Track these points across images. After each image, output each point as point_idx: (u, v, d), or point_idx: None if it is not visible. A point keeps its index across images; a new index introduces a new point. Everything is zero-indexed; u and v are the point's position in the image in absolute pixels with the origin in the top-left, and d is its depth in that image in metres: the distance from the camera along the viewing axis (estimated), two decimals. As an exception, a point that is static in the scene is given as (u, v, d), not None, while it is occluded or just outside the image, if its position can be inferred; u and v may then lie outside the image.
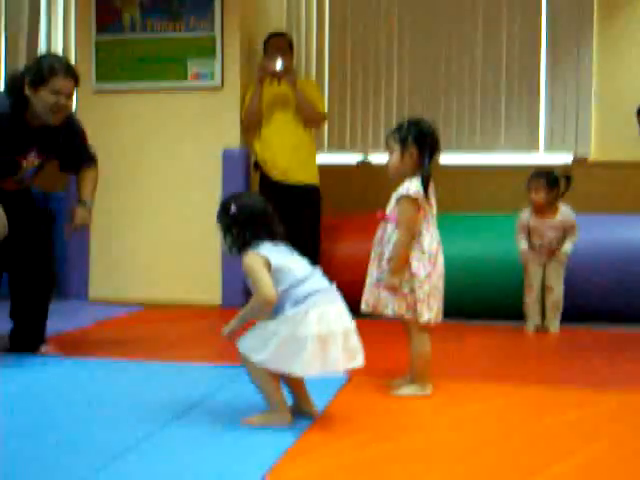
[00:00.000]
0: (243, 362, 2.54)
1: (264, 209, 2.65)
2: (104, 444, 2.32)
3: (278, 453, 2.25)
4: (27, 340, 3.68)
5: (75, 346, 3.88)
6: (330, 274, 2.66)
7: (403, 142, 2.98)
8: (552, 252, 4.51)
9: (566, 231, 4.46)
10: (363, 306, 3.04)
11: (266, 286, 2.46)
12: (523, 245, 4.52)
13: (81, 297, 5.63)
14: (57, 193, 5.56)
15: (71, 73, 3.36)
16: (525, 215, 4.54)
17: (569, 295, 4.56)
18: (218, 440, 2.38)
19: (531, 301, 4.54)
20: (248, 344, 2.51)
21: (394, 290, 2.92)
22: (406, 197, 2.94)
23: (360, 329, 4.10)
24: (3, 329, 3.69)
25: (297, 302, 2.47)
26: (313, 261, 3.68)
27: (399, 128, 3.03)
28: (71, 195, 5.58)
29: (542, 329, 4.53)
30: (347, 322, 2.55)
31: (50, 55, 3.49)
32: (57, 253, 5.57)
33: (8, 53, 6.54)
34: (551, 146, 6.13)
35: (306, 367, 2.44)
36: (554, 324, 4.51)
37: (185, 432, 2.46)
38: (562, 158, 6.06)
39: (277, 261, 2.52)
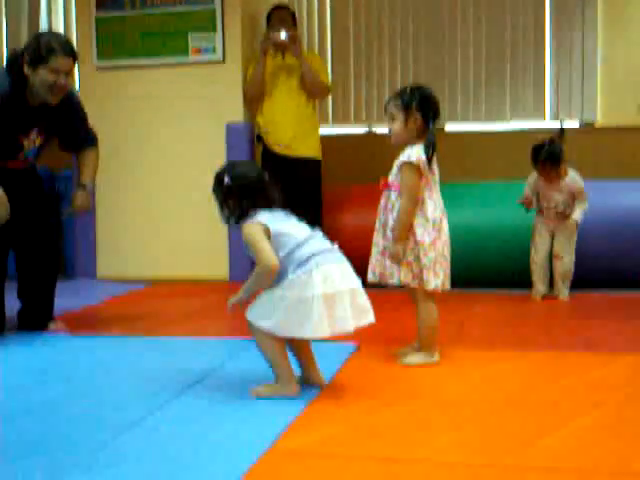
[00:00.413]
0: (252, 332, 2.54)
1: (259, 177, 2.61)
2: (114, 417, 2.34)
3: (287, 421, 2.26)
4: (35, 318, 3.69)
5: (83, 323, 3.89)
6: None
7: (406, 108, 2.94)
8: (562, 216, 4.47)
9: (574, 196, 4.43)
10: (370, 276, 3.03)
11: (267, 254, 2.45)
12: (527, 193, 4.50)
13: (89, 276, 5.64)
14: (63, 171, 5.55)
15: (70, 51, 3.33)
16: (532, 179, 4.51)
17: (578, 262, 4.53)
18: (227, 409, 2.39)
19: (536, 265, 4.51)
20: (256, 312, 2.51)
21: (398, 258, 2.91)
22: (407, 164, 2.91)
23: (371, 300, 4.08)
24: (11, 308, 3.69)
25: (300, 265, 2.45)
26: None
27: (401, 94, 2.98)
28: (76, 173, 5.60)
29: (551, 296, 4.51)
30: (353, 281, 2.52)
31: (48, 33, 3.45)
32: (64, 233, 5.63)
33: (9, 31, 6.50)
34: (557, 113, 6.07)
35: (315, 328, 2.41)
36: (563, 292, 4.49)
37: (194, 402, 2.47)
38: (568, 124, 6.00)
39: (276, 227, 2.50)
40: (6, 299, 3.61)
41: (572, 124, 6.02)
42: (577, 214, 4.42)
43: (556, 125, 5.96)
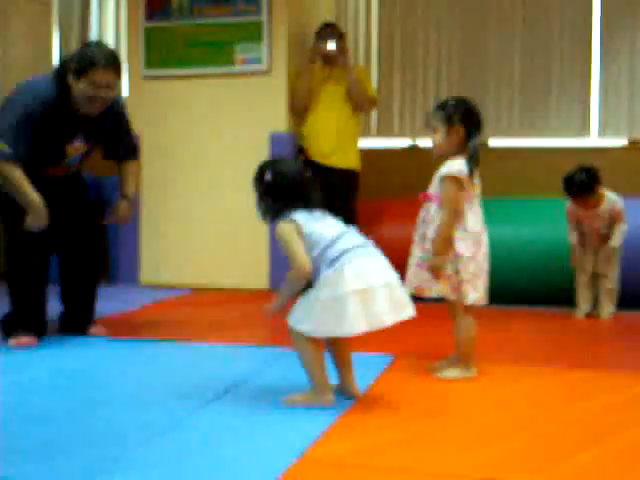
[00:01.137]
0: (292, 338, 2.53)
1: (300, 177, 2.60)
2: (147, 421, 2.36)
3: (320, 430, 2.26)
4: (76, 322, 3.74)
5: (123, 328, 3.94)
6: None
7: (449, 120, 2.94)
8: (603, 237, 4.41)
9: (615, 220, 4.35)
10: (406, 287, 3.01)
11: (299, 257, 2.45)
12: (572, 239, 4.43)
13: (132, 282, 5.71)
14: (109, 178, 5.63)
15: (112, 65, 3.32)
16: (572, 205, 4.42)
17: (624, 281, 4.46)
18: (260, 418, 2.39)
19: (581, 286, 4.46)
20: (295, 317, 2.50)
21: (437, 271, 2.89)
22: (449, 176, 2.90)
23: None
24: (53, 312, 3.74)
25: (331, 262, 2.44)
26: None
27: (443, 106, 2.98)
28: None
29: (594, 315, 4.44)
30: (389, 275, 2.49)
31: (95, 45, 3.46)
32: (108, 239, 5.72)
33: (61, 41, 6.64)
34: (604, 130, 5.99)
35: (352, 325, 2.39)
36: (606, 310, 4.42)
37: (227, 410, 2.48)
38: (615, 142, 5.93)
39: (309, 228, 2.49)
40: (48, 303, 3.65)
41: (619, 141, 5.94)
42: (616, 239, 4.34)
43: (602, 142, 5.90)
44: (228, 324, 4.16)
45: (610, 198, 4.35)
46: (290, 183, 2.57)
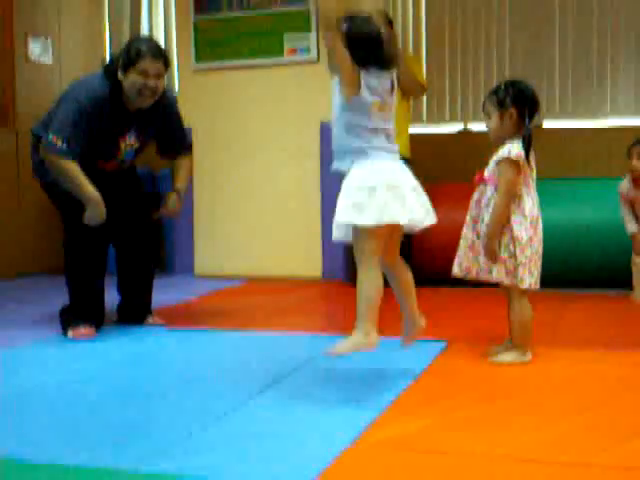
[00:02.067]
0: (357, 259, 2.55)
1: (376, 35, 2.58)
2: (204, 407, 2.40)
3: (374, 414, 2.27)
4: (134, 312, 3.82)
5: (179, 317, 4.00)
6: (424, 243, 2.64)
7: (501, 104, 2.92)
8: None
9: None
10: (456, 269, 3.00)
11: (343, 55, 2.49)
12: (631, 228, 4.33)
13: (187, 272, 5.78)
14: (162, 171, 5.71)
15: (159, 55, 3.42)
16: (624, 185, 4.34)
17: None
18: (315, 402, 2.42)
19: (638, 268, 4.38)
20: (354, 216, 2.51)
21: (494, 254, 2.87)
22: (507, 159, 2.88)
23: (455, 296, 4.10)
24: (112, 302, 3.82)
25: (360, 150, 2.54)
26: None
27: (496, 91, 2.97)
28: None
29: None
30: (413, 180, 2.64)
31: (140, 39, 3.59)
32: (164, 231, 5.81)
33: (112, 36, 6.74)
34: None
35: (397, 213, 2.49)
36: None
37: (282, 395, 2.52)
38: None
39: (365, 93, 2.52)
40: (106, 293, 3.73)
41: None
42: None
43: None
44: (282, 312, 4.19)
45: None
46: (364, 38, 2.55)
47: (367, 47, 2.53)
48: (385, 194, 2.48)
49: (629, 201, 4.35)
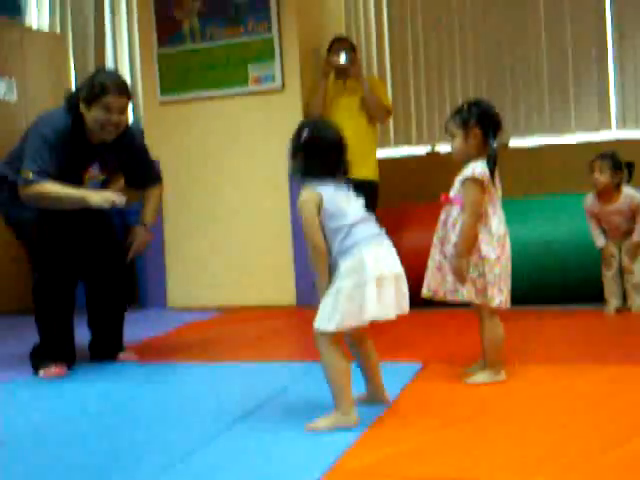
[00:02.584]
0: (319, 349, 2.46)
1: (336, 144, 2.55)
2: (178, 441, 2.37)
3: (350, 440, 2.25)
4: (105, 348, 3.77)
5: (152, 352, 3.95)
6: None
7: (465, 124, 2.94)
8: (625, 233, 4.38)
9: (635, 213, 4.32)
10: (424, 291, 3.00)
11: (317, 237, 2.45)
12: (599, 242, 4.40)
13: (160, 305, 5.74)
14: (133, 206, 5.67)
15: (122, 90, 3.40)
16: (589, 201, 4.42)
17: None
18: (289, 431, 2.39)
19: (608, 281, 4.41)
20: (321, 317, 2.44)
21: (462, 274, 2.87)
22: (471, 179, 2.89)
23: (428, 318, 4.08)
24: (82, 339, 3.77)
25: (349, 249, 2.43)
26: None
27: (459, 111, 2.99)
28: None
29: (624, 310, 4.39)
30: (397, 266, 2.49)
31: (103, 72, 3.58)
32: (135, 264, 5.75)
33: (77, 69, 6.74)
34: (624, 123, 5.94)
35: (371, 311, 2.37)
36: (637, 302, 4.36)
37: (257, 426, 2.48)
38: (636, 134, 5.88)
39: (332, 205, 2.47)
40: (77, 330, 3.68)
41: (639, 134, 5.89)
42: (637, 234, 4.32)
43: (623, 135, 5.85)
44: (256, 342, 4.16)
45: (627, 192, 4.34)
46: (324, 147, 2.52)
47: (325, 157, 2.51)
48: (373, 289, 2.39)
49: (595, 215, 4.40)
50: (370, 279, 2.37)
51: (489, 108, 2.98)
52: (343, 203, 2.50)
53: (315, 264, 2.48)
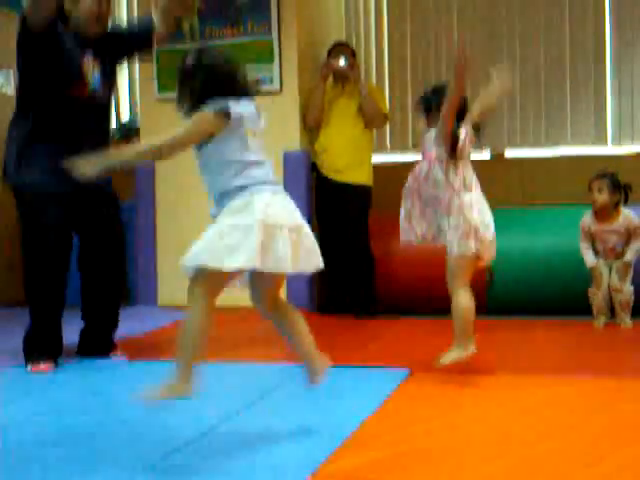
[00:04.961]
0: (188, 295, 2.26)
1: (229, 69, 2.37)
2: (163, 439, 2.38)
3: (334, 445, 2.25)
4: (97, 345, 3.76)
5: (143, 349, 3.95)
6: (386, 271, 2.63)
7: (427, 109, 3.17)
8: (618, 254, 4.40)
9: (631, 235, 4.34)
10: (412, 237, 3.08)
11: (179, 148, 2.33)
12: (590, 260, 4.40)
13: (150, 303, 5.73)
14: (127, 202, 5.67)
15: None
16: (587, 220, 4.43)
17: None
18: (275, 433, 2.40)
19: (597, 299, 4.41)
20: (192, 252, 2.23)
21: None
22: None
23: (415, 324, 4.09)
24: (71, 335, 3.77)
25: (242, 188, 2.22)
26: (364, 258, 3.64)
27: (423, 97, 3.25)
28: (139, 204, 5.72)
29: (613, 324, 4.39)
30: (298, 218, 2.27)
31: None
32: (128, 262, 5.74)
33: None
34: (619, 139, 5.96)
35: (248, 258, 2.11)
36: (625, 320, 4.36)
37: (242, 427, 2.50)
38: (631, 149, 5.90)
39: (236, 127, 2.26)
40: (70, 326, 3.67)
41: (634, 148, 5.91)
42: (630, 254, 4.33)
43: (617, 150, 5.87)
44: (246, 342, 4.17)
45: (626, 213, 4.36)
46: (215, 73, 2.33)
47: (218, 84, 2.32)
48: (261, 235, 2.14)
49: (590, 235, 4.41)
50: (256, 223, 2.14)
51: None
52: (250, 134, 2.29)
53: (159, 150, 2.36)
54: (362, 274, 4.95)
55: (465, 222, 2.95)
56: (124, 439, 2.42)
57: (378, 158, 5.86)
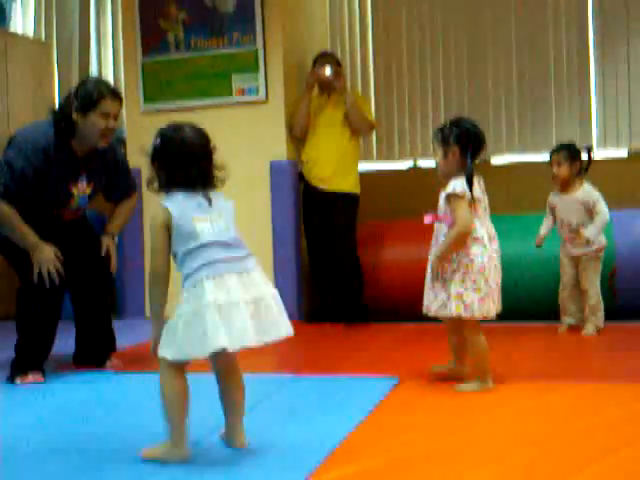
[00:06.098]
0: (160, 371, 2.28)
1: (193, 150, 2.32)
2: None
3: (323, 455, 2.25)
4: (92, 356, 3.77)
5: (135, 361, 3.93)
6: (375, 278, 2.63)
7: (445, 142, 3.04)
8: (576, 234, 4.28)
9: (591, 212, 4.25)
10: (424, 310, 3.10)
11: (157, 257, 2.27)
12: (542, 230, 4.43)
13: (139, 315, 5.71)
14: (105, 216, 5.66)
15: (117, 95, 3.43)
16: (551, 196, 4.45)
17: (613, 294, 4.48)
18: (264, 444, 2.39)
19: (563, 298, 4.42)
20: (162, 345, 2.24)
21: (435, 273, 2.98)
22: (453, 195, 2.97)
23: (403, 333, 4.09)
24: (64, 347, 3.76)
25: (192, 273, 2.21)
26: (353, 266, 3.62)
27: (441, 129, 3.10)
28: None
29: (578, 327, 4.35)
30: (259, 290, 2.25)
31: (94, 79, 3.61)
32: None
33: (61, 79, 6.72)
34: (604, 142, 5.99)
35: (212, 342, 2.13)
36: (588, 327, 4.27)
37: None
38: (616, 153, 5.94)
39: (182, 221, 2.23)
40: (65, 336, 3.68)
41: (620, 152, 5.95)
42: (589, 231, 4.20)
43: (604, 153, 5.90)
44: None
45: (586, 188, 4.31)
46: (180, 154, 2.29)
47: (180, 166, 2.29)
48: (213, 317, 2.15)
49: (553, 209, 4.44)
50: (208, 306, 2.15)
51: (472, 127, 3.05)
52: (197, 221, 2.26)
53: (149, 288, 2.30)
54: (350, 282, 4.96)
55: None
56: (111, 451, 2.40)
57: (365, 166, 5.88)
